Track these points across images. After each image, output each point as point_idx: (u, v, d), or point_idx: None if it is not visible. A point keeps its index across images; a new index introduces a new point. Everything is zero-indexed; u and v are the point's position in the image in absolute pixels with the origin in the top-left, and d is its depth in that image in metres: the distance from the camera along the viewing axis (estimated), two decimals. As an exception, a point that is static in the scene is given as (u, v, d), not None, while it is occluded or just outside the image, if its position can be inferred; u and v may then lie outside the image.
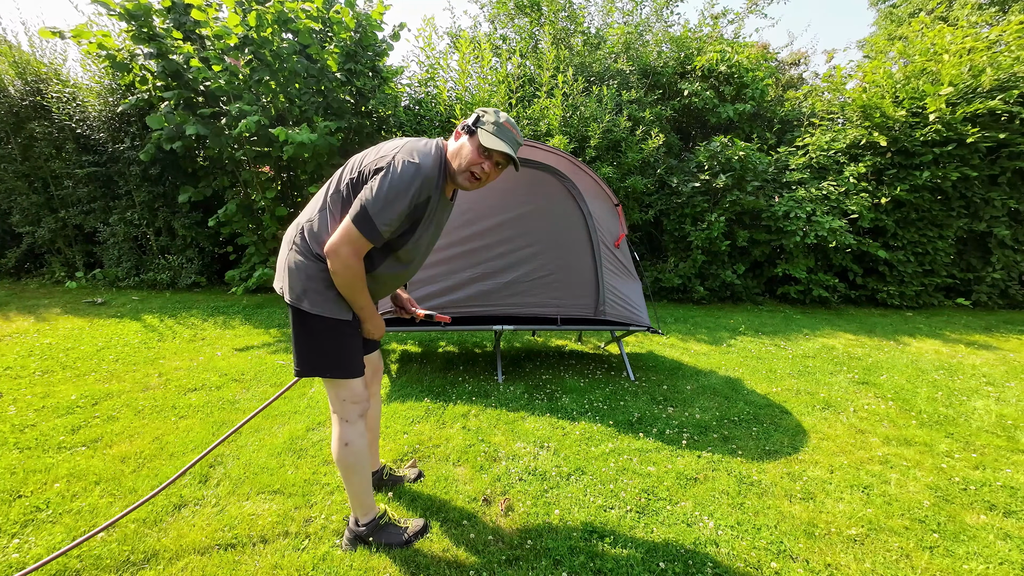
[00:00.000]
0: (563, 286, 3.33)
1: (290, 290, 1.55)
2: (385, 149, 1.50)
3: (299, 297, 1.53)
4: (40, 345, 3.87)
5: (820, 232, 5.82)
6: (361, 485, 1.69)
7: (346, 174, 1.53)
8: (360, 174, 1.48)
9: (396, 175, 1.42)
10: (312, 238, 1.54)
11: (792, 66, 10.12)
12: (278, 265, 1.63)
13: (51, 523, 1.80)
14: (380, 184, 1.42)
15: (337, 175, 1.57)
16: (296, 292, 1.54)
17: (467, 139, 1.54)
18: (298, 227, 1.58)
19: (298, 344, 1.61)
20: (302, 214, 1.61)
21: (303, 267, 1.53)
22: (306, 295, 1.53)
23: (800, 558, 1.75)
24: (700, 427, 2.75)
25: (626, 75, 7.39)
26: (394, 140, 1.54)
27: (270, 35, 4.92)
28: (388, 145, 1.52)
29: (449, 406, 2.92)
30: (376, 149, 1.53)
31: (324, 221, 1.54)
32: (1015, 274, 6.36)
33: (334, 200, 1.53)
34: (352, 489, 1.69)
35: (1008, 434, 2.77)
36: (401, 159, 1.44)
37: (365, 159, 1.52)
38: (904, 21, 14.21)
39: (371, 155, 1.51)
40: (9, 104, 6.17)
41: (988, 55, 5.85)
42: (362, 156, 1.55)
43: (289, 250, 1.57)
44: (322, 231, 1.53)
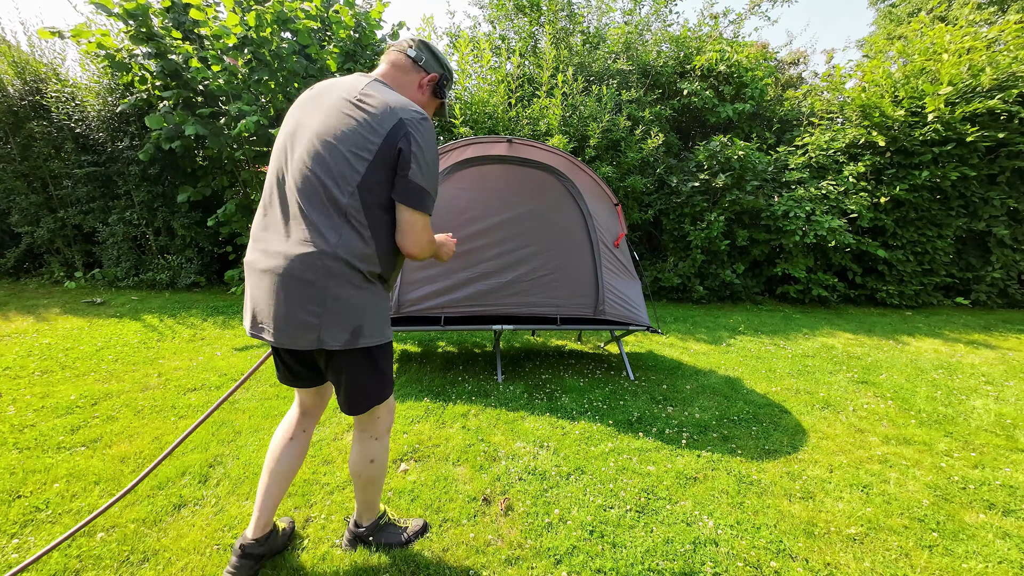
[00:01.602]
0: (563, 286, 3.33)
1: (338, 334, 1.30)
2: (373, 117, 1.26)
3: (355, 336, 1.32)
4: (39, 345, 3.87)
5: (819, 231, 5.82)
6: (375, 493, 1.66)
7: (334, 169, 1.25)
8: (359, 159, 1.25)
9: (427, 141, 1.30)
10: (357, 258, 1.28)
11: (791, 65, 10.12)
12: (285, 317, 1.28)
13: (51, 523, 1.80)
14: (422, 159, 1.28)
15: (310, 175, 1.26)
16: (348, 332, 1.31)
17: (428, 97, 1.49)
18: (314, 260, 1.25)
19: (356, 385, 1.42)
20: (295, 244, 1.27)
21: (358, 298, 1.31)
22: (363, 329, 1.33)
23: (800, 557, 1.75)
24: (700, 426, 2.76)
25: (626, 74, 7.39)
26: (344, 103, 1.29)
27: (269, 35, 4.92)
28: (365, 113, 1.27)
29: (449, 406, 2.92)
30: (339, 122, 1.27)
31: (356, 233, 1.28)
32: (1014, 273, 6.36)
33: (346, 204, 1.26)
34: (366, 498, 1.66)
35: (1007, 433, 2.77)
36: (414, 120, 1.28)
37: (345, 142, 1.25)
38: (903, 20, 14.22)
39: (349, 134, 1.25)
40: (8, 104, 6.16)
41: (987, 54, 5.85)
42: (327, 143, 1.26)
43: (320, 290, 1.26)
44: (366, 244, 1.29)
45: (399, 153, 1.27)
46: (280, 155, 1.35)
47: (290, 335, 1.30)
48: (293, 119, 1.38)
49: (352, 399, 1.45)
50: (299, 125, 1.34)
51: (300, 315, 1.28)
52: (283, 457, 1.55)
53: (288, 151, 1.33)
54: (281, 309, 1.29)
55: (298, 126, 1.34)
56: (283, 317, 1.29)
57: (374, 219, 1.30)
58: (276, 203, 1.34)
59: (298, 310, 1.28)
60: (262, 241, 1.35)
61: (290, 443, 1.57)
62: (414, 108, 1.31)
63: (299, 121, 1.35)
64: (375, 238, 1.31)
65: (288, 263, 1.27)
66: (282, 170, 1.33)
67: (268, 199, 1.37)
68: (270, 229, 1.34)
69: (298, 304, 1.27)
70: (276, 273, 1.28)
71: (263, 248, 1.33)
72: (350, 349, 1.34)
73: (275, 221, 1.33)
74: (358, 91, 1.32)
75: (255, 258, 1.35)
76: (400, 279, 3.14)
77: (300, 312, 1.28)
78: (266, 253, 1.31)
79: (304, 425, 1.61)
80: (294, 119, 1.37)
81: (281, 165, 1.34)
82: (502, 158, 3.27)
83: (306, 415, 1.61)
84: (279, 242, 1.30)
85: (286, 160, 1.33)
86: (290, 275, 1.27)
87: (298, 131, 1.33)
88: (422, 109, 1.35)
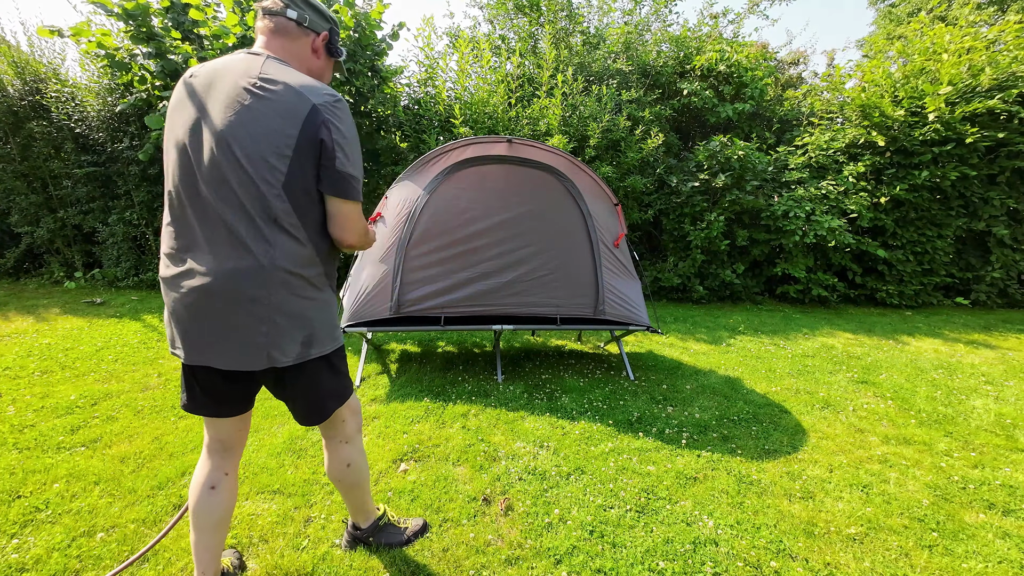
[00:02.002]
0: (562, 286, 3.33)
1: (288, 348, 1.23)
2: (282, 107, 1.15)
3: (306, 346, 1.25)
4: (39, 345, 3.86)
5: (819, 231, 5.82)
6: (362, 496, 1.62)
7: (253, 172, 1.14)
8: (279, 157, 1.15)
9: (347, 125, 1.22)
10: (299, 265, 1.21)
11: (791, 65, 10.13)
12: (226, 339, 1.18)
13: (50, 523, 1.80)
14: (346, 146, 1.20)
15: (227, 182, 1.14)
16: (299, 344, 1.24)
17: (324, 60, 1.38)
18: (252, 275, 1.15)
19: (314, 395, 1.35)
20: (226, 259, 1.15)
21: (305, 307, 1.24)
22: (314, 338, 1.27)
23: (799, 557, 1.75)
24: (699, 426, 2.76)
25: (625, 74, 7.39)
26: (243, 92, 1.15)
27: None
28: (271, 103, 1.15)
29: (449, 406, 2.92)
30: (246, 116, 1.14)
31: (290, 237, 1.19)
32: (1014, 273, 6.36)
33: (275, 209, 1.16)
34: (353, 502, 1.62)
35: (1007, 433, 2.77)
36: (328, 104, 1.18)
37: (259, 141, 1.14)
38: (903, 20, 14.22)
39: (261, 130, 1.14)
40: (8, 104, 6.16)
41: (987, 54, 5.85)
42: (239, 142, 1.13)
43: (264, 307, 1.18)
44: (303, 246, 1.22)
45: (321, 144, 1.17)
46: (182, 160, 1.17)
47: (235, 357, 1.19)
48: (186, 115, 1.18)
49: (311, 409, 1.38)
50: (196, 123, 1.16)
51: (244, 335, 1.18)
52: (209, 510, 1.37)
53: (191, 154, 1.15)
54: (219, 331, 1.17)
55: (195, 124, 1.16)
56: (223, 339, 1.18)
57: (307, 218, 1.22)
58: (191, 215, 1.17)
59: (241, 330, 1.17)
60: (182, 258, 1.18)
61: (212, 492, 1.37)
62: (325, 91, 1.21)
63: (194, 118, 1.16)
64: (311, 239, 1.24)
65: (222, 282, 1.15)
66: (190, 177, 1.16)
67: (179, 211, 1.19)
68: (191, 245, 1.18)
69: (240, 324, 1.17)
70: (209, 293, 1.15)
71: (186, 267, 1.17)
72: (303, 361, 1.26)
73: (194, 236, 1.17)
74: (256, 75, 1.17)
75: (177, 276, 1.18)
76: (400, 279, 3.14)
77: (244, 332, 1.18)
78: (192, 272, 1.16)
79: (225, 467, 1.41)
80: (187, 115, 1.17)
81: (186, 171, 1.16)
82: (502, 158, 3.27)
83: (226, 453, 1.42)
84: (206, 259, 1.16)
85: (192, 165, 1.16)
86: (227, 294, 1.15)
87: (197, 130, 1.16)
88: (329, 88, 1.24)
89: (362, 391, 3.14)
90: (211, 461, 1.41)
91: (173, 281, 1.20)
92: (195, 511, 1.38)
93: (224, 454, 1.42)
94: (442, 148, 3.28)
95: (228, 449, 1.42)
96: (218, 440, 1.40)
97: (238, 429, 1.42)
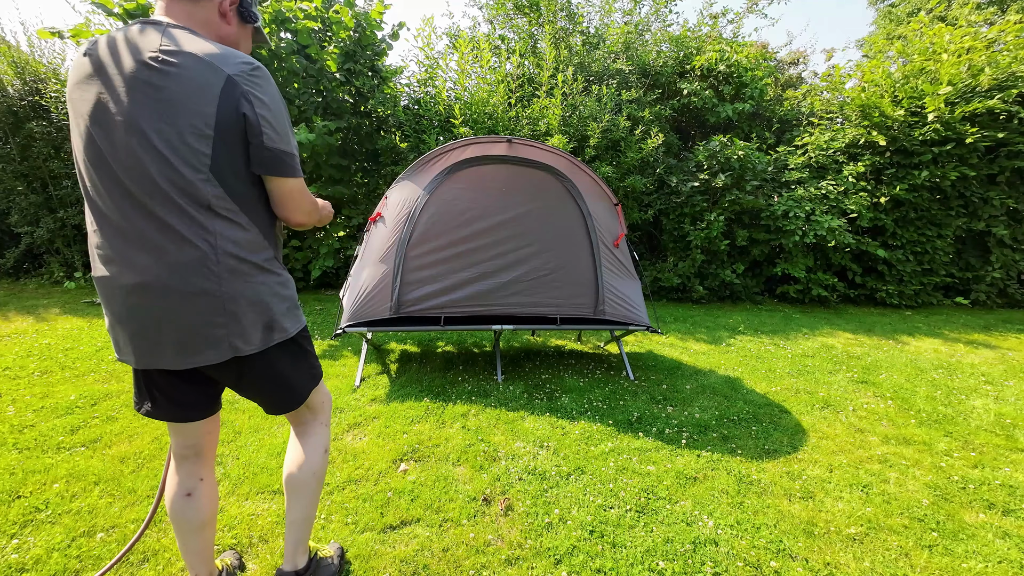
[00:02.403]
0: (562, 286, 3.33)
1: (251, 335, 1.16)
2: (192, 82, 1.04)
3: (268, 331, 1.19)
4: (39, 345, 3.86)
5: (819, 231, 5.82)
6: (313, 513, 1.45)
7: (174, 157, 1.04)
8: (199, 138, 1.05)
9: (271, 95, 1.12)
10: (244, 250, 1.14)
11: (791, 65, 10.13)
12: (180, 337, 1.11)
13: (50, 523, 1.80)
14: (272, 119, 1.11)
15: (148, 171, 1.04)
16: (260, 329, 1.18)
17: (237, 26, 1.24)
18: (196, 267, 1.08)
19: (284, 381, 1.28)
20: (164, 253, 1.07)
21: (259, 291, 1.17)
22: (275, 322, 1.21)
23: (799, 557, 1.75)
24: (699, 426, 2.76)
25: (625, 75, 7.39)
26: (146, 70, 1.03)
27: (268, 35, 4.92)
28: (179, 78, 1.03)
29: (449, 406, 2.92)
30: (154, 95, 1.03)
31: (230, 223, 1.12)
32: (1014, 273, 6.37)
33: (206, 195, 1.07)
34: (309, 515, 1.42)
35: (1007, 433, 2.77)
36: (244, 74, 1.08)
37: (173, 122, 1.04)
38: (903, 20, 14.23)
39: (173, 110, 1.03)
40: (8, 104, 6.16)
41: (987, 54, 5.86)
42: (153, 125, 1.03)
43: (216, 297, 1.10)
44: (246, 230, 1.14)
45: (244, 120, 1.08)
46: (91, 150, 1.05)
47: (192, 353, 1.12)
48: (88, 97, 1.05)
49: (285, 397, 1.31)
50: (100, 106, 1.04)
51: (200, 330, 1.11)
52: (188, 516, 1.31)
53: (101, 143, 1.04)
54: (171, 330, 1.10)
55: (99, 107, 1.04)
56: (176, 338, 1.10)
57: (243, 200, 1.13)
58: (115, 209, 1.06)
59: (196, 325, 1.10)
60: (113, 256, 1.08)
61: (188, 499, 1.31)
62: (239, 58, 1.09)
63: (96, 100, 1.04)
64: (253, 220, 1.15)
65: (166, 278, 1.07)
66: (105, 167, 1.05)
67: (100, 204, 1.07)
68: (122, 241, 1.07)
69: (194, 320, 1.10)
70: (152, 291, 1.07)
71: (120, 265, 1.08)
72: (267, 347, 1.20)
73: (123, 231, 1.07)
74: (156, 48, 1.04)
75: (112, 276, 1.09)
76: (400, 279, 3.14)
77: (199, 327, 1.10)
78: (129, 268, 1.07)
79: (199, 472, 1.33)
80: (89, 97, 1.05)
81: (100, 161, 1.05)
82: (502, 158, 3.27)
83: (198, 459, 1.33)
84: (141, 256, 1.06)
85: (105, 155, 1.05)
86: (173, 291, 1.07)
87: (103, 114, 1.04)
88: (244, 54, 1.12)
89: (362, 391, 3.14)
90: (183, 468, 1.32)
91: (108, 282, 1.10)
92: (174, 520, 1.32)
93: (196, 460, 1.33)
94: (442, 148, 3.28)
95: (199, 454, 1.33)
96: (188, 446, 1.31)
97: (208, 432, 1.33)
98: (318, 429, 1.42)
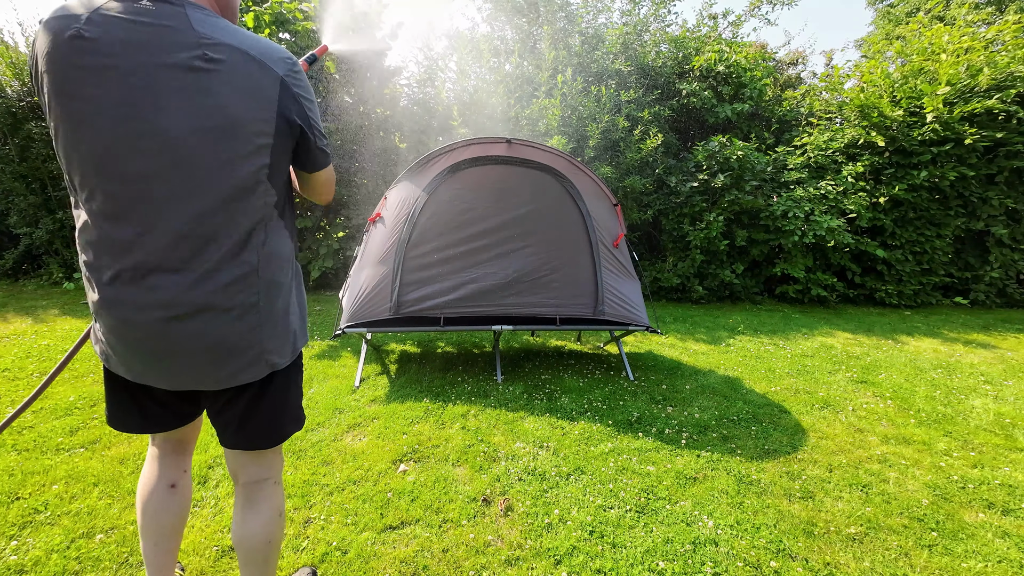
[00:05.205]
0: (562, 286, 3.33)
1: (283, 349, 1.13)
2: (247, 89, 0.94)
3: (294, 343, 1.16)
4: (38, 347, 3.86)
5: (818, 231, 5.83)
6: (275, 566, 1.31)
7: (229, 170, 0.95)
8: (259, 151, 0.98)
9: (310, 90, 1.07)
10: (286, 260, 1.10)
11: (790, 66, 10.13)
12: (216, 360, 1.04)
13: (50, 525, 1.80)
14: (317, 116, 1.09)
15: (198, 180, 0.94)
16: (290, 343, 1.14)
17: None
18: (244, 286, 1.01)
19: (283, 405, 1.19)
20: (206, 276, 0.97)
21: (289, 300, 1.13)
22: (298, 333, 1.17)
23: (799, 557, 1.75)
24: (699, 426, 2.76)
25: (624, 75, 7.40)
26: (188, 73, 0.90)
27: (267, 35, 4.92)
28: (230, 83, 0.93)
29: (448, 406, 2.92)
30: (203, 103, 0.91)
31: (279, 234, 1.08)
32: (1013, 273, 6.38)
33: (261, 207, 1.02)
34: (274, 571, 1.29)
35: (1006, 432, 2.78)
36: (292, 75, 1.01)
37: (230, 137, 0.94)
38: (902, 21, 14.25)
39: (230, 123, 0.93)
40: (6, 105, 6.15)
41: (985, 55, 5.87)
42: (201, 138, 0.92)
43: (260, 313, 1.05)
44: (291, 239, 1.12)
45: (299, 127, 1.04)
46: (107, 159, 0.89)
47: (230, 374, 1.06)
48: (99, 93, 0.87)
49: (271, 428, 1.18)
50: (123, 108, 0.88)
51: (242, 351, 1.05)
52: (171, 510, 1.25)
53: (126, 151, 0.89)
54: (208, 357, 1.02)
55: (122, 109, 0.88)
56: (211, 360, 1.03)
57: (285, 204, 1.10)
58: (137, 214, 0.92)
59: (237, 346, 1.04)
60: (130, 276, 0.95)
61: (173, 491, 1.26)
62: (280, 53, 1.01)
63: (118, 99, 0.87)
64: (287, 226, 1.11)
65: (204, 301, 0.98)
66: (132, 176, 0.91)
67: (111, 207, 0.92)
68: (140, 254, 0.93)
69: (236, 340, 1.03)
70: (184, 319, 0.97)
71: (138, 287, 0.95)
72: (275, 372, 1.13)
73: (143, 242, 0.93)
74: (196, 40, 0.90)
75: (128, 300, 0.96)
76: (400, 279, 3.14)
77: (241, 347, 1.04)
78: (150, 290, 0.95)
79: (183, 464, 1.29)
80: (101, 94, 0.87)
81: (122, 171, 0.90)
82: (501, 159, 3.27)
83: (182, 452, 1.29)
84: (172, 280, 0.95)
85: (134, 165, 0.90)
86: (214, 314, 0.99)
87: (127, 119, 0.88)
88: (280, 47, 1.03)
89: (362, 392, 3.14)
90: (166, 461, 1.27)
91: (119, 305, 0.97)
92: (155, 515, 1.24)
93: (179, 453, 1.30)
94: (442, 149, 3.28)
95: (183, 448, 1.31)
96: (172, 441, 1.28)
97: (193, 427, 1.31)
98: (270, 489, 1.24)
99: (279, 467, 1.27)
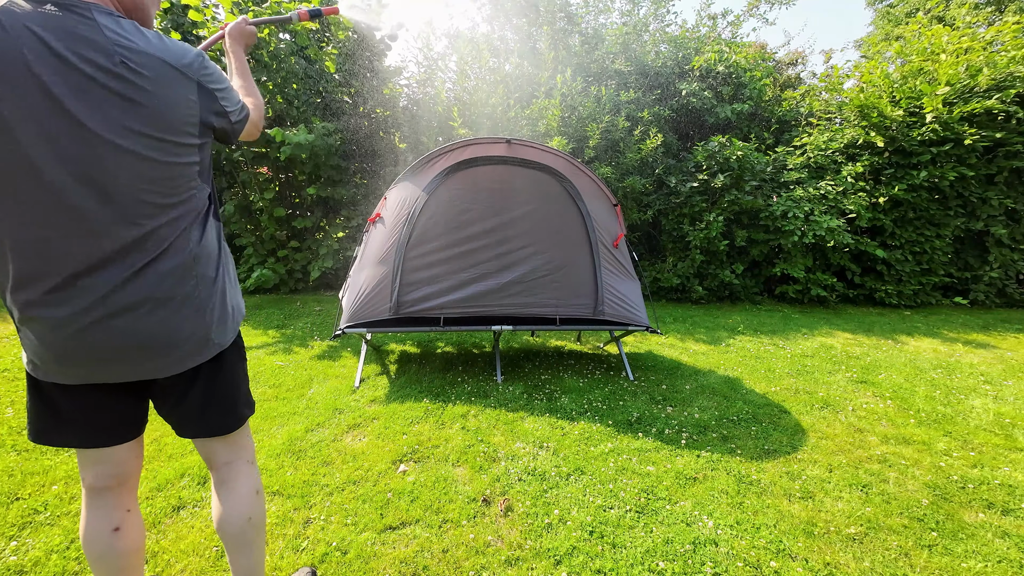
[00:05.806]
0: (562, 286, 3.33)
1: (226, 325, 1.13)
2: (167, 99, 0.96)
3: (233, 319, 1.16)
4: (38, 347, 3.86)
5: (818, 231, 5.83)
6: (263, 549, 1.29)
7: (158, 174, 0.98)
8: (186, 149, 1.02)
9: (219, 77, 1.10)
10: (217, 239, 1.14)
11: (790, 66, 10.14)
12: (161, 347, 1.03)
13: (49, 525, 1.80)
14: (227, 94, 1.10)
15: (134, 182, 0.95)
16: (229, 318, 1.15)
17: None
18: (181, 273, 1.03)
19: (234, 387, 1.20)
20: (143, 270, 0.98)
21: (221, 291, 1.13)
22: (236, 308, 1.18)
23: (799, 557, 1.75)
24: (699, 427, 2.76)
25: (624, 75, 7.40)
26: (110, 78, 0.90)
27: (267, 35, 4.92)
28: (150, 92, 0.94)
29: (448, 406, 2.92)
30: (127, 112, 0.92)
31: (213, 222, 1.12)
32: (1012, 273, 6.38)
33: (197, 199, 1.06)
34: (261, 561, 1.27)
35: (1006, 432, 2.78)
36: (205, 75, 1.04)
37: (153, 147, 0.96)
38: (901, 21, 14.26)
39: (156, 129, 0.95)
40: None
41: (985, 55, 5.87)
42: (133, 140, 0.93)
43: (197, 297, 1.05)
44: (211, 226, 1.12)
45: (219, 120, 1.09)
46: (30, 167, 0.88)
47: (178, 359, 1.05)
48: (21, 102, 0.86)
49: (232, 408, 1.19)
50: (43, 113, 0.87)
51: (187, 334, 1.05)
52: (118, 555, 1.14)
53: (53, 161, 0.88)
54: (149, 345, 1.01)
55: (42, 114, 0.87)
56: (155, 347, 1.01)
57: (211, 190, 1.14)
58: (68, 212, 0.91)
59: (183, 331, 1.04)
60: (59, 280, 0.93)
61: (117, 535, 1.13)
62: (191, 54, 1.02)
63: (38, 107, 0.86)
64: (214, 208, 1.14)
65: (144, 294, 0.98)
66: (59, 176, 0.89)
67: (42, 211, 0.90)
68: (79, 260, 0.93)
69: (179, 324, 1.03)
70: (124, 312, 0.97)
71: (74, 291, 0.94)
72: (219, 353, 1.13)
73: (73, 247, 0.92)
74: (114, 48, 0.90)
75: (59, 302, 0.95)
76: (399, 279, 3.14)
77: (186, 331, 1.04)
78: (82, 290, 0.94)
79: (126, 503, 1.16)
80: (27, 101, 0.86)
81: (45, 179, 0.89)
82: (501, 159, 3.28)
83: (122, 488, 1.15)
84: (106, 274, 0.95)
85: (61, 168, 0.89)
86: (157, 302, 1.00)
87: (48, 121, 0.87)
88: (186, 45, 1.03)
89: (361, 392, 3.14)
90: (105, 500, 1.13)
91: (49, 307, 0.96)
92: (101, 559, 1.13)
93: (120, 489, 1.15)
94: (441, 149, 3.28)
95: (124, 483, 1.15)
96: (110, 475, 1.13)
97: (136, 455, 1.17)
98: (244, 468, 1.24)
99: (251, 448, 1.28)
